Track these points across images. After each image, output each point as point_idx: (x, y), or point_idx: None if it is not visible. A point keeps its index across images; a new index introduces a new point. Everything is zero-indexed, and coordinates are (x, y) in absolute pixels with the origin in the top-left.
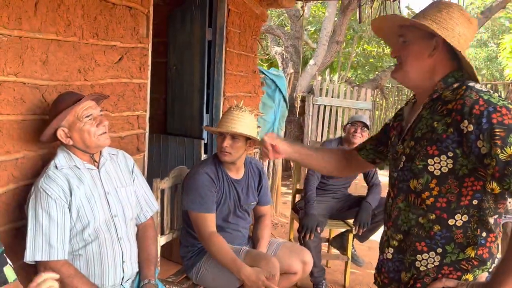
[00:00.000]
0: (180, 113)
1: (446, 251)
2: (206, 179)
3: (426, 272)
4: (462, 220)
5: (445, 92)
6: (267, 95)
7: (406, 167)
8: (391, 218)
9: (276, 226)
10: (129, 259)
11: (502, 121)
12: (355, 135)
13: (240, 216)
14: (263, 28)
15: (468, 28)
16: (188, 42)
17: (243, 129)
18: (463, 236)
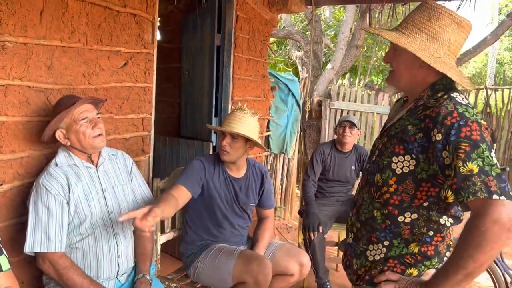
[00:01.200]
0: (192, 116)
1: (392, 244)
2: (197, 163)
3: (374, 264)
4: (411, 218)
5: (429, 100)
6: (280, 99)
7: (375, 161)
8: (356, 206)
9: (290, 230)
10: (124, 254)
11: (470, 136)
12: (345, 135)
13: (238, 214)
14: (282, 34)
15: (459, 33)
16: (199, 47)
17: (242, 130)
18: (409, 232)
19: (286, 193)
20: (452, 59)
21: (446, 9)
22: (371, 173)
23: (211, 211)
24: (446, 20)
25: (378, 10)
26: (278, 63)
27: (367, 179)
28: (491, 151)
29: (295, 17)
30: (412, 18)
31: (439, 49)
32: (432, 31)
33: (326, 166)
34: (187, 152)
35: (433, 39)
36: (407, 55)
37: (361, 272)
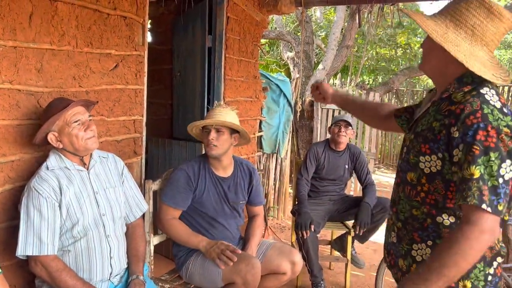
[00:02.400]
0: (184, 118)
1: (436, 244)
2: (183, 176)
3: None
4: (449, 220)
5: (456, 93)
6: (271, 99)
7: (405, 159)
8: (395, 204)
9: (284, 229)
10: (117, 255)
11: (484, 141)
12: (340, 134)
13: (228, 214)
14: (273, 34)
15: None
16: (191, 49)
17: (226, 120)
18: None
19: (279, 193)
20: (478, 47)
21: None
22: (404, 171)
23: (202, 213)
24: (473, 4)
25: (368, 10)
26: (270, 63)
27: (401, 177)
28: (503, 161)
29: (286, 18)
30: (448, 5)
31: (472, 40)
32: (457, 13)
33: (320, 165)
34: (179, 153)
35: (456, 21)
36: (432, 41)
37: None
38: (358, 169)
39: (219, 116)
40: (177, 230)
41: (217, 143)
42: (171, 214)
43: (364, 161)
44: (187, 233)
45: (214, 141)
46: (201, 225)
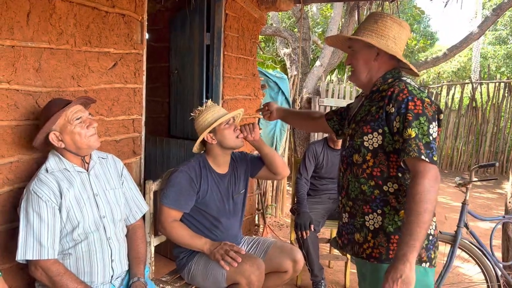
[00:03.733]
0: (182, 116)
1: (384, 212)
2: (185, 178)
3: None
4: (393, 187)
5: (382, 85)
6: (270, 97)
7: (349, 145)
8: (344, 188)
9: (282, 227)
10: (118, 258)
11: (413, 109)
12: None
13: (231, 212)
14: (270, 31)
15: (400, 31)
16: (188, 46)
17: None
18: (395, 200)
19: (277, 191)
20: (400, 51)
21: (387, 14)
22: (349, 156)
23: (205, 214)
24: (389, 21)
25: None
26: (266, 60)
27: (347, 162)
28: (430, 123)
29: (282, 14)
30: (363, 26)
31: (387, 43)
32: (380, 30)
33: (319, 164)
34: (177, 152)
35: (381, 36)
36: (363, 52)
37: (367, 246)
38: None
39: (222, 109)
40: (180, 233)
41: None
42: (172, 216)
43: None
44: (190, 235)
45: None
46: (204, 225)
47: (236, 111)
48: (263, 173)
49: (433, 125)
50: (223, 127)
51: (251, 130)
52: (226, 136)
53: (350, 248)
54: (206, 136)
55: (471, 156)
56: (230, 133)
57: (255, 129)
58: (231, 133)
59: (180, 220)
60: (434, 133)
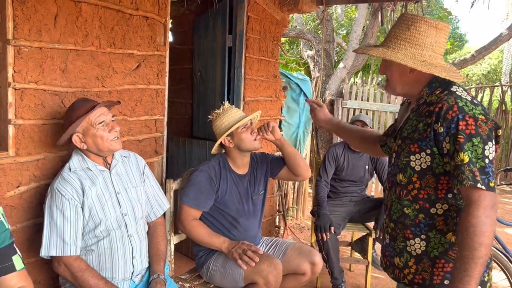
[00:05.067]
0: (204, 117)
1: (428, 237)
2: (205, 177)
3: (418, 260)
4: (442, 208)
5: (430, 97)
6: (291, 99)
7: (395, 163)
8: (387, 208)
9: (303, 229)
10: (139, 255)
11: (465, 129)
12: None
13: (250, 213)
14: (294, 33)
15: (438, 34)
16: (211, 48)
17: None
18: (443, 222)
19: (298, 193)
20: (439, 58)
21: (421, 17)
22: (393, 175)
23: (224, 213)
24: (423, 26)
25: (390, 8)
26: (290, 62)
27: (392, 180)
28: (485, 144)
29: (306, 16)
30: (394, 32)
31: (423, 53)
32: (413, 39)
33: (339, 167)
34: (199, 153)
35: (416, 45)
36: (396, 65)
37: (408, 272)
38: (379, 169)
39: (240, 112)
40: (199, 231)
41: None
42: (192, 215)
43: (385, 162)
44: (209, 234)
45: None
46: (223, 225)
47: (253, 114)
48: (284, 173)
49: (489, 145)
50: (240, 130)
51: (267, 129)
52: (244, 139)
53: (391, 271)
54: (223, 139)
55: (501, 160)
56: (247, 136)
57: (274, 128)
58: (249, 136)
59: (199, 219)
60: (490, 154)
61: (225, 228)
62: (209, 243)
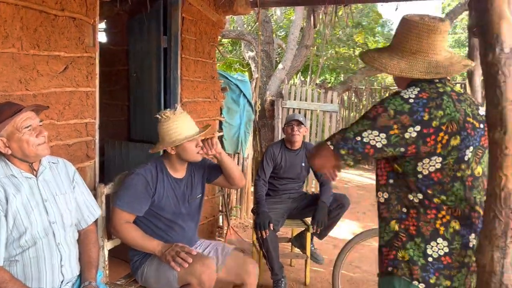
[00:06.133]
0: (141, 119)
1: (380, 227)
2: (140, 181)
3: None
4: (384, 197)
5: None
6: (231, 99)
7: None
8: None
9: (246, 228)
10: (68, 263)
11: (368, 112)
12: (293, 133)
13: (186, 215)
14: (234, 34)
15: (433, 35)
16: (146, 49)
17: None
18: (386, 211)
19: (241, 193)
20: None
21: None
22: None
23: (160, 217)
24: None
25: (322, 11)
26: (233, 63)
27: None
28: (371, 128)
29: (247, 18)
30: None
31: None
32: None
33: (277, 165)
34: (137, 156)
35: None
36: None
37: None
38: None
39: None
40: (132, 235)
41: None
42: (125, 218)
43: None
44: (142, 237)
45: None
46: (159, 228)
47: (204, 132)
48: (220, 181)
49: (374, 133)
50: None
51: (211, 145)
52: (187, 150)
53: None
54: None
55: None
56: (192, 148)
57: (216, 145)
58: (193, 148)
59: (135, 222)
60: (366, 137)
61: (161, 231)
62: (143, 246)
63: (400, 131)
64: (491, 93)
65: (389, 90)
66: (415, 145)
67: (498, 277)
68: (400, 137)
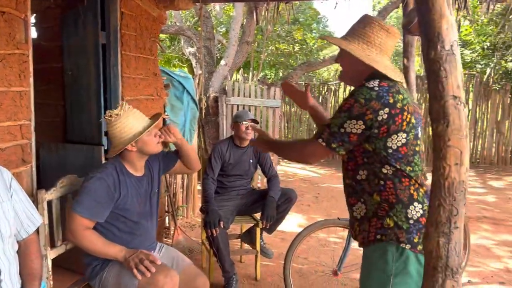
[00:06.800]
0: (79, 119)
1: (364, 200)
2: (102, 186)
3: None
4: (365, 174)
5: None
6: (175, 97)
7: None
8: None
9: (194, 227)
10: (8, 277)
11: (343, 105)
12: (248, 132)
13: (149, 214)
14: (173, 29)
15: (387, 37)
16: (83, 46)
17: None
18: (368, 185)
19: (187, 191)
20: (385, 58)
21: (377, 20)
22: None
23: (124, 219)
24: (376, 28)
25: (264, 8)
26: (172, 59)
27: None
28: (349, 118)
29: (185, 13)
30: (352, 28)
31: (371, 49)
32: (366, 37)
33: (225, 162)
34: (76, 158)
35: (367, 42)
36: (348, 56)
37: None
38: (262, 162)
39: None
40: (93, 242)
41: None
42: (84, 225)
43: (267, 154)
44: (104, 244)
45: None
46: (123, 230)
47: (158, 118)
48: (177, 166)
49: (353, 122)
50: (144, 134)
51: (169, 132)
52: (148, 143)
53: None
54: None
55: None
56: (152, 140)
57: (173, 130)
58: (152, 139)
59: (95, 227)
60: (348, 127)
61: (126, 233)
62: (105, 253)
63: (373, 115)
64: (433, 88)
65: (327, 85)
66: (386, 125)
67: (444, 261)
68: (374, 120)
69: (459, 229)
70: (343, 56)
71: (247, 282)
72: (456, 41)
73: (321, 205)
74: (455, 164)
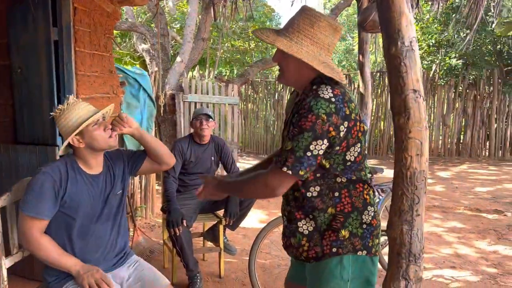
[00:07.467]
0: (31, 119)
1: (314, 216)
2: (47, 180)
3: (310, 238)
4: (316, 191)
5: (309, 91)
6: (131, 94)
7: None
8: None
9: (153, 228)
10: None
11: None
12: (203, 128)
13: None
14: (125, 26)
15: (334, 36)
16: (33, 42)
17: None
18: (321, 202)
19: (146, 191)
20: (329, 57)
21: (324, 16)
22: None
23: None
24: (325, 27)
25: (221, 4)
26: (124, 56)
27: None
28: (314, 139)
29: (137, 9)
30: (297, 24)
31: (321, 52)
32: (315, 37)
33: (187, 161)
34: (28, 160)
35: (317, 44)
36: (295, 59)
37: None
38: (224, 159)
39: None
40: (47, 249)
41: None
42: (36, 226)
43: (228, 151)
44: (59, 253)
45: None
46: (73, 234)
47: (105, 108)
48: (147, 165)
49: (319, 142)
50: (91, 128)
51: (122, 122)
52: (97, 137)
53: (290, 251)
54: (71, 139)
55: None
56: (101, 134)
57: (128, 119)
58: (102, 134)
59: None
60: (315, 149)
61: (75, 236)
62: (59, 263)
63: (336, 132)
64: (394, 82)
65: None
66: (345, 140)
67: (407, 248)
68: (337, 137)
69: (420, 216)
70: (287, 58)
71: (211, 280)
72: (415, 38)
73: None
74: (416, 154)
